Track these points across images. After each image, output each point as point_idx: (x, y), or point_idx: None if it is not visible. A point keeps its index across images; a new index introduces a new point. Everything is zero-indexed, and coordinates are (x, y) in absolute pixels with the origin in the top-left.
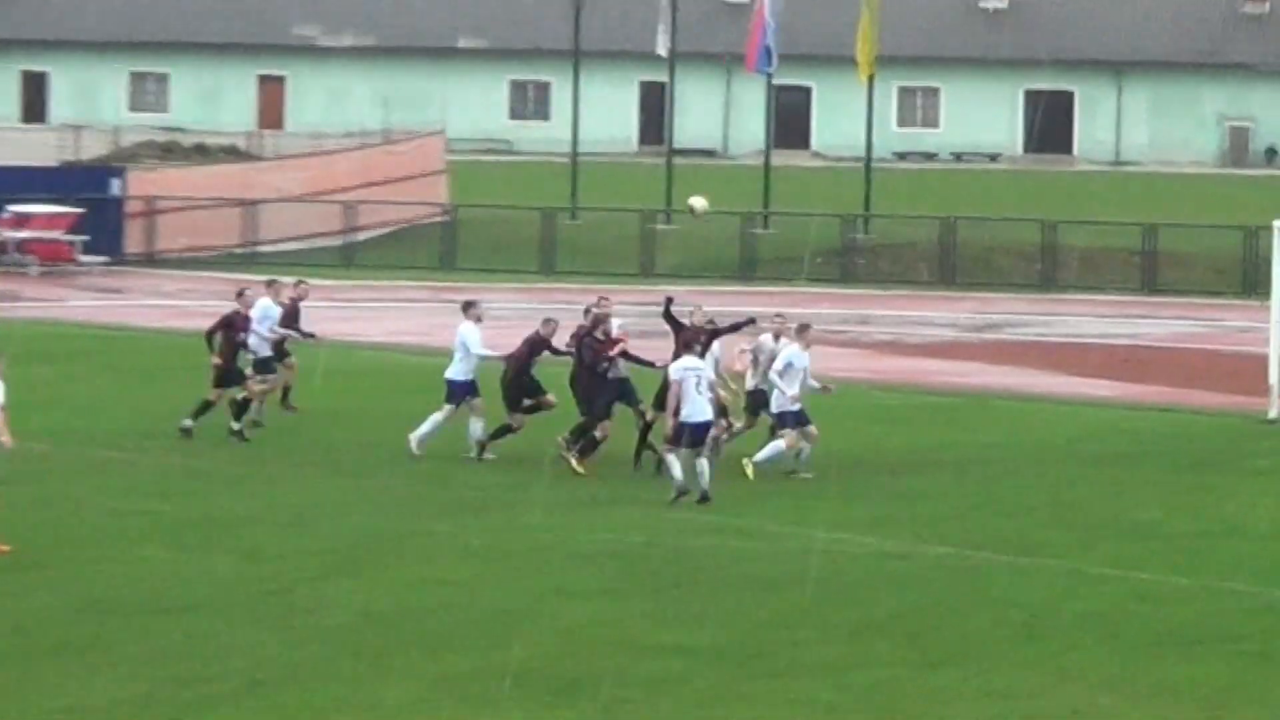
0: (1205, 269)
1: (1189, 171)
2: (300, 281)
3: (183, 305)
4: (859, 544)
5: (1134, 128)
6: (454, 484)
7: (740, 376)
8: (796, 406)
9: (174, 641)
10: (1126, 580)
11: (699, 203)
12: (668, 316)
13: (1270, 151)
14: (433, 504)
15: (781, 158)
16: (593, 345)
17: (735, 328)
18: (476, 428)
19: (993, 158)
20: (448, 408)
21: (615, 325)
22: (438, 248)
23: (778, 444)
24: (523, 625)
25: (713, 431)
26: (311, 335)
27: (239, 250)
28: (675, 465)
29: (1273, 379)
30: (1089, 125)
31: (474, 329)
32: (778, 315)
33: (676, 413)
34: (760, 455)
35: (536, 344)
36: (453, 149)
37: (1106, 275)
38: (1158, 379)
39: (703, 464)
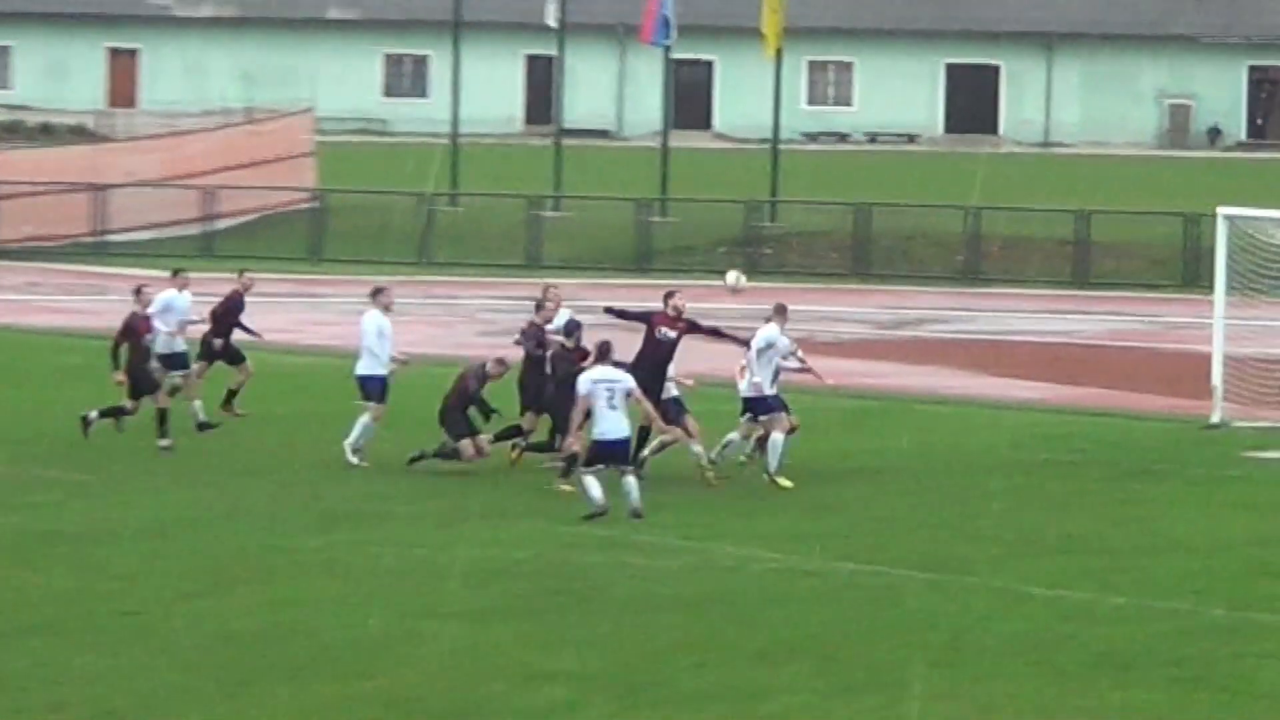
0: (1142, 260)
1: (1125, 153)
2: (243, 272)
3: (27, 300)
4: (766, 560)
5: (1065, 106)
6: (325, 495)
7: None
8: (767, 393)
9: (16, 668)
10: (1056, 599)
11: (737, 279)
12: (622, 314)
13: (1213, 131)
14: (300, 516)
15: (681, 139)
16: (566, 358)
17: (737, 341)
18: (359, 431)
19: (911, 138)
20: (374, 406)
21: (563, 317)
22: (305, 237)
23: (731, 437)
24: (396, 650)
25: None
26: (256, 334)
27: (87, 240)
28: (593, 486)
29: (1215, 380)
30: (1016, 103)
31: (383, 319)
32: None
33: (580, 430)
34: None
35: (482, 380)
36: (321, 129)
37: (1035, 267)
38: (1091, 380)
39: (630, 481)
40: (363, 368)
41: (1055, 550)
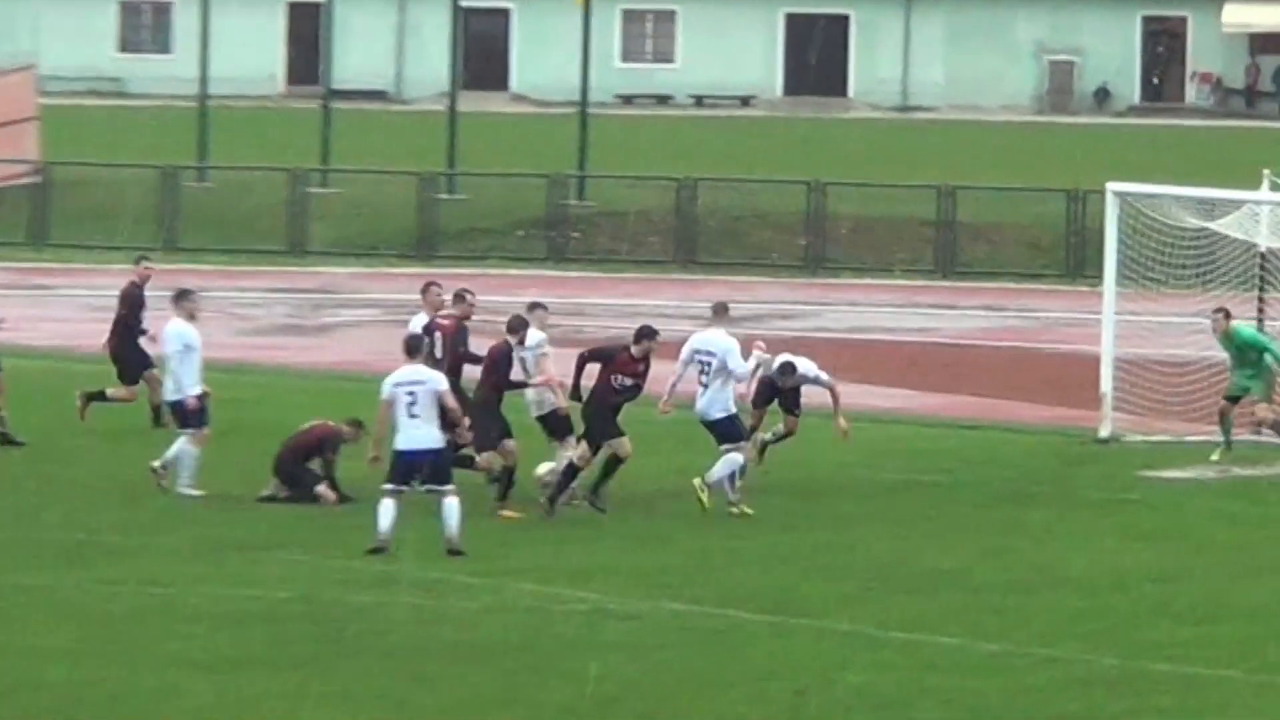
0: (1018, 244)
1: (997, 119)
2: (141, 259)
3: None
4: (575, 600)
5: (926, 63)
6: (49, 524)
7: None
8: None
9: None
10: (916, 645)
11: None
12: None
13: (1101, 93)
14: (22, 550)
15: (472, 102)
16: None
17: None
18: (178, 455)
19: (745, 101)
20: (193, 433)
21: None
22: (25, 217)
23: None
24: (137, 706)
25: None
26: (145, 333)
27: None
28: (384, 512)
29: (1105, 387)
30: (867, 59)
31: (189, 329)
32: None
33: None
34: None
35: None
36: (46, 89)
37: (892, 252)
38: (959, 387)
39: (448, 505)
40: (169, 392)
41: (917, 588)
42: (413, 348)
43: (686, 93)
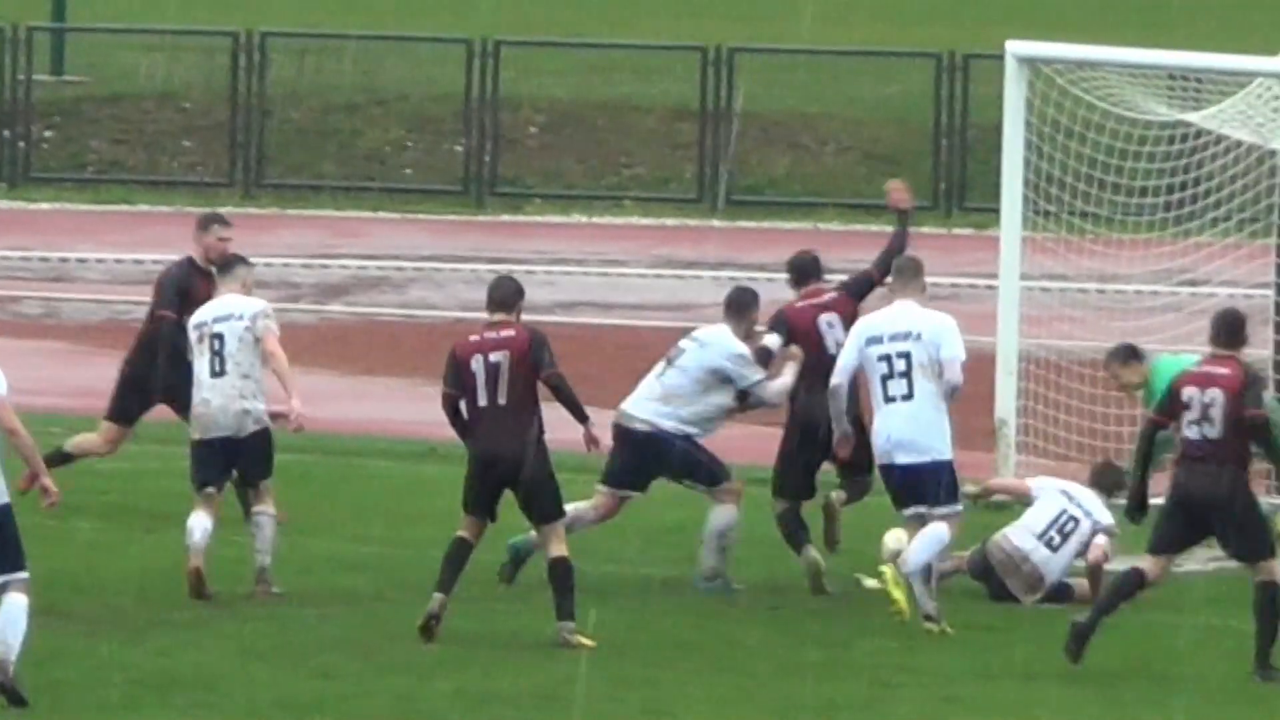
0: (846, 153)
1: None
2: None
3: None
4: None
5: None
6: None
7: None
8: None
9: None
10: None
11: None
12: None
13: None
14: None
15: None
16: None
17: None
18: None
19: None
20: None
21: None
22: None
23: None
24: None
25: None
26: None
27: None
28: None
29: (1001, 409)
30: None
31: None
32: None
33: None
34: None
35: None
36: None
37: (618, 169)
38: None
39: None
40: None
41: None
42: None
43: None
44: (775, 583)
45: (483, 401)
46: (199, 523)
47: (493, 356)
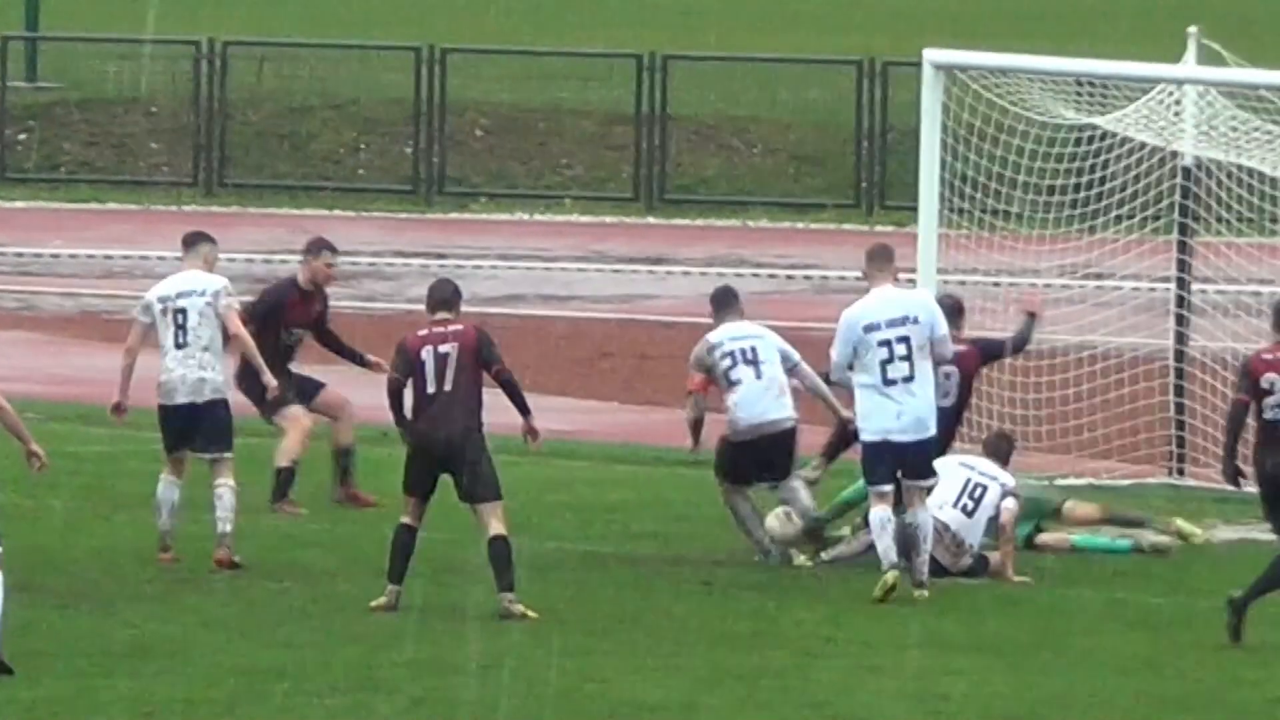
0: (773, 154)
1: None
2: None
3: None
4: None
5: None
6: None
7: None
8: None
9: None
10: None
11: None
12: None
13: None
14: None
15: None
16: None
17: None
18: None
19: None
20: None
21: None
22: None
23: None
24: None
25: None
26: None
27: None
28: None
29: None
30: None
31: None
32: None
33: None
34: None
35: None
36: None
37: (560, 169)
38: (660, 393)
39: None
40: None
41: None
42: None
43: None
44: (710, 557)
45: (431, 389)
46: (166, 494)
47: (442, 348)
